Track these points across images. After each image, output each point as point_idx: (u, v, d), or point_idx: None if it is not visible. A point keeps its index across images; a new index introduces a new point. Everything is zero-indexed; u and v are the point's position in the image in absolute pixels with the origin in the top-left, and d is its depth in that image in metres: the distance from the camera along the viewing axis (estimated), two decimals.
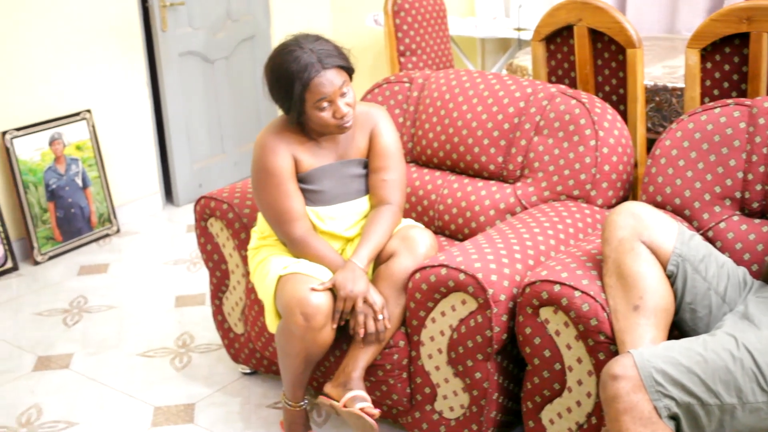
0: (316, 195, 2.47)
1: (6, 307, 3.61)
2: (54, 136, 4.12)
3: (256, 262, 2.57)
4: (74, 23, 4.17)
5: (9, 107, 3.96)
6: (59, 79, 4.15)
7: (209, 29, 4.78)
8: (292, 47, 2.37)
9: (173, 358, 3.13)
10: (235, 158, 5.07)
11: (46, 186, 4.08)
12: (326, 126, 2.39)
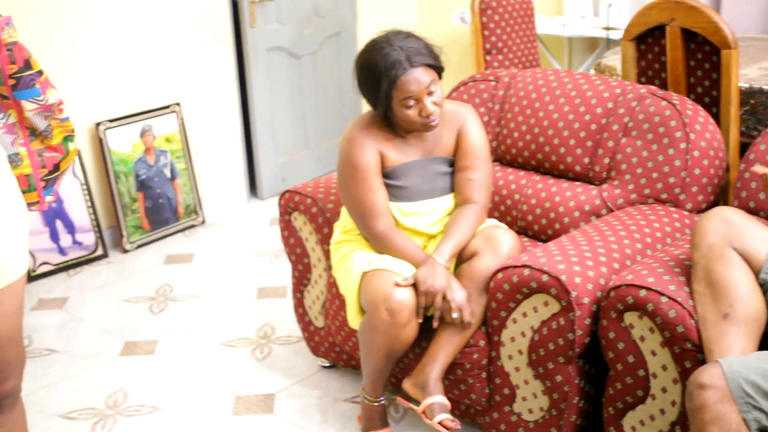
0: (401, 191, 2.48)
1: (96, 293, 3.73)
2: (144, 128, 4.23)
3: (338, 256, 2.59)
4: (166, 19, 4.27)
5: (103, 100, 4.09)
6: (151, 73, 4.26)
7: (296, 25, 4.83)
8: (382, 44, 2.38)
9: (254, 348, 3.18)
10: (318, 153, 5.12)
11: (136, 176, 4.20)
12: (412, 124, 2.40)
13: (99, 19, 4.02)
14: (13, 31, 1.64)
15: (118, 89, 4.14)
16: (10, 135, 1.75)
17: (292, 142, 4.97)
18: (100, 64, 4.05)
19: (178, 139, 4.37)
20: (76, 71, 3.94)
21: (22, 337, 1.85)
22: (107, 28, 4.06)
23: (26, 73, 1.69)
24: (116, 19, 4.08)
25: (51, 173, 1.82)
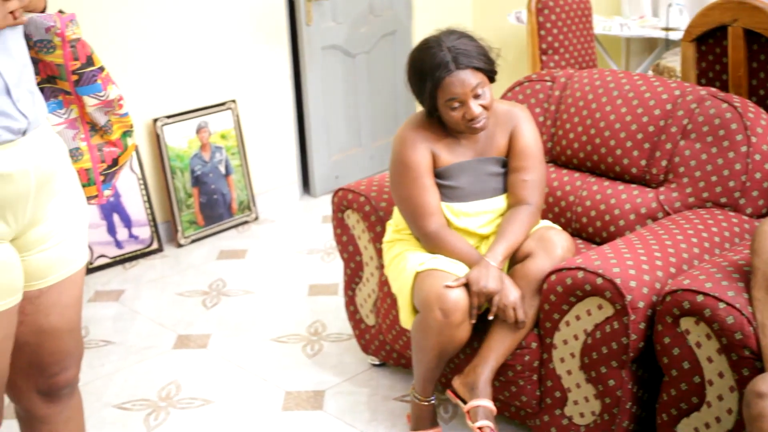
0: (453, 191, 2.47)
1: (151, 287, 3.79)
2: (201, 124, 4.29)
3: (391, 255, 2.59)
4: (224, 17, 4.32)
5: (161, 96, 4.15)
6: (208, 70, 4.31)
7: (352, 24, 4.85)
8: (431, 44, 2.38)
9: (305, 345, 3.20)
10: (371, 152, 5.13)
11: (192, 172, 4.25)
12: (456, 125, 2.40)
13: (158, 17, 4.08)
14: (76, 28, 1.68)
15: (175, 86, 4.20)
16: (71, 130, 1.79)
17: (346, 140, 4.99)
18: (158, 61, 4.11)
19: (234, 135, 4.41)
20: (135, 68, 4.01)
21: (81, 328, 1.89)
22: (166, 26, 4.11)
23: (88, 69, 1.72)
24: (175, 18, 4.14)
25: (110, 168, 1.86)
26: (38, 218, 1.65)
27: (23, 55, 1.60)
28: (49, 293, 1.73)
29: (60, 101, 1.77)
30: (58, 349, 1.82)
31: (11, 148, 1.54)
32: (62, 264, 1.73)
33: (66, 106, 1.78)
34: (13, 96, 1.54)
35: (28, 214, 1.61)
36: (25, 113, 1.56)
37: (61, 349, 1.82)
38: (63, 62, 1.69)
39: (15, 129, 1.55)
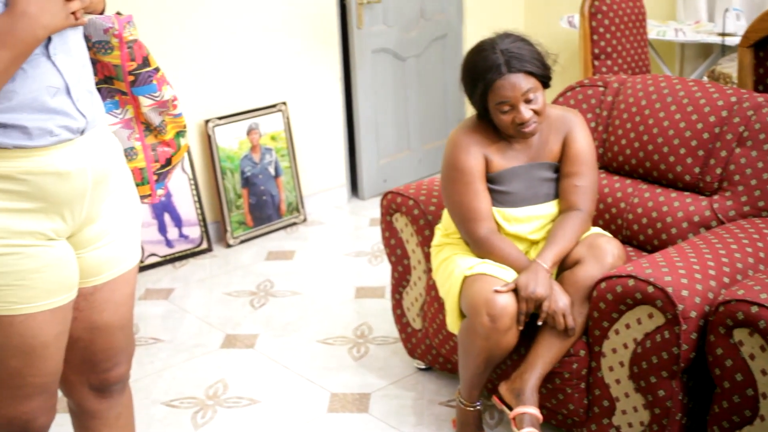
0: (504, 196, 2.46)
1: (200, 286, 3.83)
2: (251, 126, 4.33)
3: (439, 259, 2.58)
4: (275, 19, 4.35)
5: (212, 97, 4.19)
6: (259, 72, 4.35)
7: (403, 27, 4.86)
8: (485, 46, 2.38)
9: (351, 347, 3.21)
10: (420, 155, 5.13)
11: (242, 173, 4.29)
12: (506, 129, 2.39)
13: (211, 20, 4.13)
14: (133, 29, 1.70)
15: (227, 88, 4.25)
16: (126, 130, 1.82)
17: (395, 143, 5.00)
18: (211, 63, 4.16)
19: (284, 137, 4.44)
20: (188, 69, 4.06)
21: (132, 325, 1.91)
22: (219, 28, 4.16)
23: (144, 70, 1.75)
24: (228, 20, 4.18)
25: (163, 167, 1.88)
26: (94, 216, 1.68)
27: (83, 55, 1.64)
28: (103, 290, 1.76)
29: (116, 101, 1.80)
30: (110, 345, 1.84)
31: (70, 147, 1.57)
32: (116, 262, 1.75)
33: (122, 106, 1.81)
34: (73, 96, 1.57)
35: (84, 212, 1.64)
36: (84, 113, 1.59)
37: (113, 346, 1.85)
38: (120, 63, 1.72)
39: (74, 128, 1.58)
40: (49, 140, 1.53)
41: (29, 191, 1.54)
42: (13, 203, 1.53)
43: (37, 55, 1.51)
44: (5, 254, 1.53)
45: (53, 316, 1.63)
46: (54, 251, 1.60)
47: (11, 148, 1.50)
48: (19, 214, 1.54)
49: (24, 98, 1.50)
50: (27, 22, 1.45)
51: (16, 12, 1.44)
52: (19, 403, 1.67)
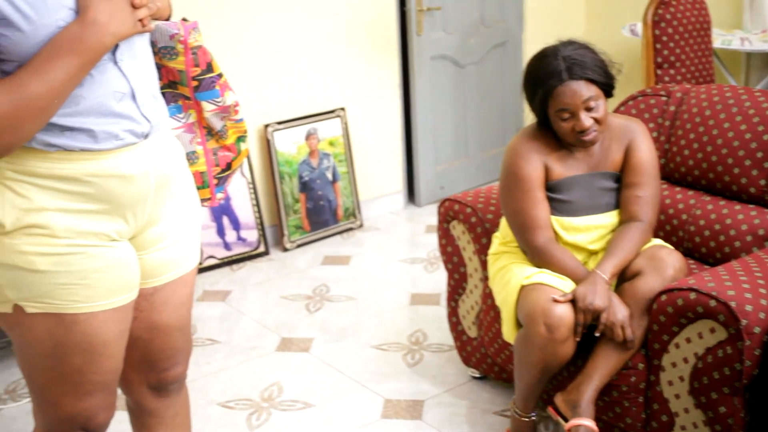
0: (563, 205, 2.43)
1: (256, 289, 3.87)
2: (310, 131, 4.36)
3: (496, 268, 2.57)
4: (335, 26, 4.38)
5: (272, 102, 4.23)
6: (318, 78, 4.38)
7: (462, 34, 4.85)
8: (547, 52, 2.37)
9: (406, 353, 3.21)
10: (477, 163, 5.11)
11: (300, 178, 4.32)
12: (566, 136, 2.37)
13: (272, 26, 4.17)
14: (198, 35, 1.73)
15: (287, 93, 4.28)
16: (189, 134, 1.84)
17: (452, 150, 4.98)
18: (271, 68, 4.20)
19: (342, 143, 4.47)
20: (249, 74, 4.10)
21: (191, 326, 1.94)
22: (280, 34, 4.20)
23: (208, 75, 1.77)
24: (287, 26, 4.22)
25: (223, 171, 1.91)
26: (155, 218, 1.70)
27: (149, 61, 1.67)
28: (163, 291, 1.79)
29: (179, 106, 1.83)
30: (168, 345, 1.87)
31: (134, 150, 1.60)
32: (176, 263, 1.78)
33: (185, 111, 1.84)
34: (138, 100, 1.60)
35: (146, 215, 1.67)
36: (149, 117, 1.62)
37: (171, 346, 1.88)
38: (184, 68, 1.74)
39: (138, 132, 1.61)
40: (114, 144, 1.57)
41: (94, 193, 1.57)
42: (78, 204, 1.56)
43: (104, 61, 1.54)
44: (69, 254, 1.57)
45: (114, 315, 1.66)
46: (116, 252, 1.63)
47: (78, 151, 1.54)
48: (83, 215, 1.57)
49: (91, 103, 1.53)
50: (96, 29, 1.48)
51: (86, 20, 1.48)
52: (80, 400, 1.70)
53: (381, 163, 4.74)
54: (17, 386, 3.06)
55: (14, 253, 1.54)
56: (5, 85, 1.43)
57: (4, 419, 2.87)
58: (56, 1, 1.48)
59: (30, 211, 1.53)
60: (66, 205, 1.55)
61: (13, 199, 1.53)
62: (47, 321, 1.60)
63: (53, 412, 1.72)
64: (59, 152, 1.53)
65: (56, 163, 1.53)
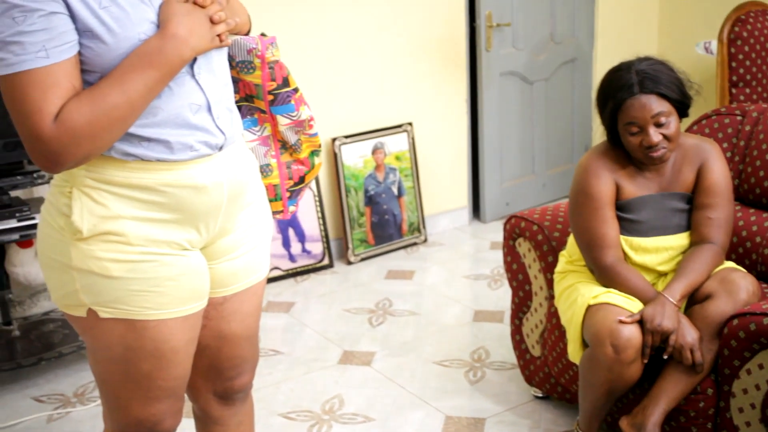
0: (633, 224, 2.40)
1: (320, 301, 3.89)
2: (377, 145, 4.38)
3: (562, 287, 2.54)
4: (404, 41, 4.40)
5: (340, 116, 4.27)
6: (386, 92, 4.40)
7: (532, 50, 4.82)
8: (621, 66, 2.37)
9: (468, 370, 3.19)
10: (544, 180, 5.07)
11: (365, 191, 4.34)
12: (634, 152, 2.35)
13: (343, 41, 4.21)
14: (276, 50, 1.76)
15: (355, 107, 4.32)
16: (263, 147, 1.87)
17: (519, 167, 4.96)
18: (340, 82, 4.24)
19: (408, 157, 4.48)
20: (318, 87, 4.15)
21: (258, 336, 1.96)
22: (350, 49, 4.24)
23: (284, 89, 1.80)
24: (359, 41, 4.25)
25: (296, 185, 1.93)
26: (227, 229, 1.73)
27: (226, 74, 1.70)
28: (232, 301, 1.81)
29: (255, 119, 1.86)
30: (235, 354, 1.89)
31: (208, 162, 1.63)
32: (246, 273, 1.81)
33: (260, 124, 1.86)
34: (214, 113, 1.63)
35: (218, 225, 1.70)
36: (223, 130, 1.65)
37: (238, 355, 1.90)
38: (261, 82, 1.77)
39: (213, 144, 1.64)
40: (189, 155, 1.60)
41: (168, 203, 1.60)
42: (153, 213, 1.60)
43: (182, 74, 1.58)
44: (143, 261, 1.60)
45: (184, 323, 1.68)
46: (188, 261, 1.66)
47: (154, 161, 1.57)
48: (157, 224, 1.61)
49: (168, 114, 1.57)
50: (176, 43, 1.52)
51: (166, 34, 1.52)
52: (149, 405, 1.73)
53: (447, 179, 4.74)
54: (86, 390, 3.13)
55: (90, 258, 1.58)
56: (87, 95, 1.47)
57: (72, 422, 2.94)
58: (139, 14, 1.52)
59: (106, 219, 1.57)
60: (141, 214, 1.59)
61: (91, 207, 1.57)
62: (119, 326, 1.63)
63: (122, 416, 1.76)
64: (136, 162, 1.57)
65: (133, 173, 1.57)
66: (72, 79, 1.47)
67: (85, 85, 1.51)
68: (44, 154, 1.47)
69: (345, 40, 4.22)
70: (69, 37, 1.46)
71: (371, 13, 4.26)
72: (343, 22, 4.19)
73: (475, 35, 4.62)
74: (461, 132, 4.74)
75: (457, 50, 4.60)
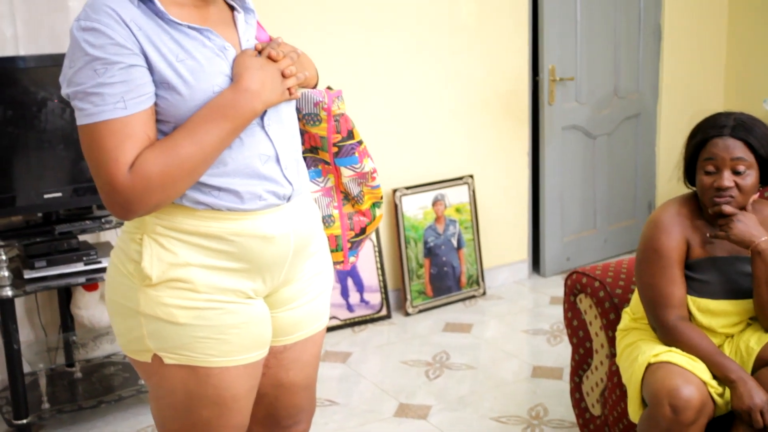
0: (701, 285, 2.35)
1: (377, 352, 3.88)
2: (437, 197, 4.39)
3: (624, 344, 2.50)
4: (467, 93, 4.43)
5: (402, 167, 4.30)
6: (448, 144, 4.42)
7: (595, 105, 4.81)
8: (721, 112, 2.39)
9: (525, 427, 3.14)
10: (605, 235, 5.01)
11: (425, 243, 4.35)
12: (703, 192, 2.32)
13: (405, 93, 4.25)
14: (341, 103, 1.79)
15: (416, 158, 4.34)
16: (326, 198, 1.90)
17: (580, 221, 4.91)
18: (403, 133, 4.28)
19: (468, 210, 4.47)
20: (381, 138, 4.18)
21: (316, 386, 1.96)
22: (411, 100, 4.28)
23: (348, 142, 1.83)
24: (420, 93, 4.30)
25: (357, 236, 1.95)
26: (291, 278, 1.75)
27: (293, 126, 1.74)
28: (292, 350, 1.82)
29: (319, 170, 1.89)
30: (293, 403, 1.90)
31: (276, 212, 1.66)
32: (307, 323, 1.82)
33: (324, 175, 1.89)
34: (282, 164, 1.66)
35: (282, 275, 1.72)
36: (291, 180, 1.68)
37: (295, 404, 1.90)
38: (326, 135, 1.81)
39: (281, 195, 1.66)
40: (258, 204, 1.63)
41: (236, 252, 1.63)
42: (221, 262, 1.62)
43: (252, 125, 1.62)
44: (208, 309, 1.62)
45: (246, 371, 1.70)
46: (252, 309, 1.68)
47: (224, 210, 1.60)
48: (224, 273, 1.63)
49: (238, 164, 1.60)
50: (249, 97, 1.56)
51: (240, 87, 1.56)
52: None
53: (507, 232, 4.72)
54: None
55: (158, 304, 1.60)
56: (161, 145, 1.52)
57: None
58: (214, 67, 1.57)
59: (175, 266, 1.60)
60: (209, 262, 1.62)
61: (160, 253, 1.60)
62: (182, 372, 1.65)
63: None
64: (206, 210, 1.60)
65: (202, 221, 1.60)
66: (147, 129, 1.52)
67: (159, 135, 1.56)
68: (118, 201, 1.51)
69: (409, 91, 4.26)
70: (146, 89, 1.52)
71: (436, 65, 4.31)
72: (408, 75, 4.24)
73: (538, 89, 4.63)
74: (522, 185, 4.73)
75: (519, 103, 4.61)
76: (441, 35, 4.30)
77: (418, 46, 4.25)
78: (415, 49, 4.24)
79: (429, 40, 4.27)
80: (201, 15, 1.63)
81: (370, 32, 4.11)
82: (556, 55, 4.57)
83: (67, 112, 3.00)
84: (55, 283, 3.04)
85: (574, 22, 4.63)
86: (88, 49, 1.48)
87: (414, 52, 4.24)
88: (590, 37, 4.72)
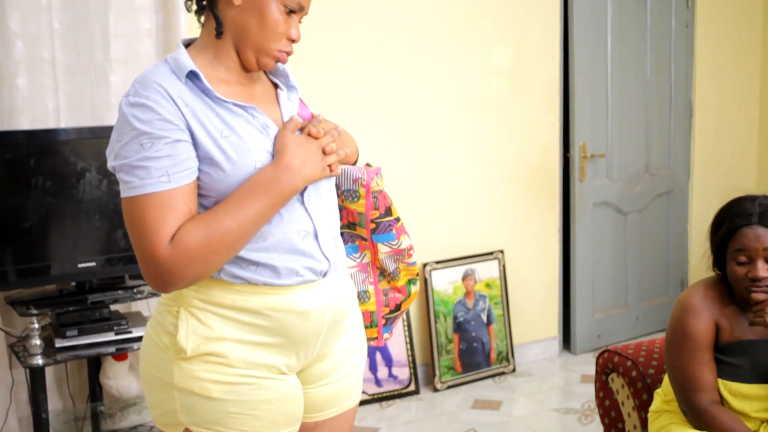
0: (733, 369, 2.30)
1: (405, 429, 3.82)
2: (467, 272, 4.37)
3: (656, 427, 2.44)
4: (499, 169, 4.45)
5: (432, 241, 4.30)
6: (478, 219, 4.43)
7: (626, 181, 4.81)
8: (744, 197, 2.34)
9: None
10: (637, 313, 4.95)
11: (454, 318, 4.32)
12: (736, 283, 2.27)
13: (436, 168, 4.28)
14: (380, 180, 1.81)
15: (447, 233, 4.35)
16: (362, 273, 1.90)
17: (611, 298, 4.86)
18: (433, 208, 4.29)
19: (498, 285, 4.45)
20: (412, 212, 4.19)
21: None
22: (444, 176, 4.31)
23: (386, 219, 1.84)
24: (451, 169, 4.32)
25: (392, 312, 1.94)
26: (325, 354, 1.74)
27: (332, 202, 1.75)
28: (324, 427, 1.80)
29: (356, 246, 1.89)
30: None
31: (312, 288, 1.66)
32: (340, 399, 1.80)
33: (360, 251, 1.90)
34: (320, 240, 1.67)
35: (316, 350, 1.71)
36: (328, 256, 1.69)
37: None
38: (364, 211, 1.82)
39: (318, 270, 1.67)
40: (294, 280, 1.63)
41: (271, 326, 1.63)
42: (256, 336, 1.62)
43: (292, 201, 1.63)
44: (242, 383, 1.62)
45: None
46: (285, 385, 1.67)
47: (261, 285, 1.61)
48: (259, 347, 1.63)
49: (277, 239, 1.61)
50: (290, 173, 1.58)
51: (281, 164, 1.58)
52: None
53: (537, 308, 4.68)
54: None
55: (191, 378, 1.60)
56: (202, 219, 1.54)
57: None
58: (256, 144, 1.59)
59: (210, 340, 1.60)
60: (243, 336, 1.61)
61: (196, 327, 1.60)
62: None
63: None
64: (243, 285, 1.61)
65: (239, 295, 1.61)
66: (189, 202, 1.54)
67: (200, 209, 1.58)
68: (158, 273, 1.52)
69: (440, 166, 4.29)
70: (190, 164, 1.54)
71: (468, 141, 4.34)
72: (440, 150, 4.28)
73: (569, 165, 4.64)
74: (553, 261, 4.70)
75: (550, 179, 4.62)
76: (473, 112, 4.35)
77: (450, 123, 4.29)
78: (448, 125, 4.29)
79: (461, 117, 4.32)
80: (246, 92, 1.67)
81: (405, 111, 4.17)
82: (587, 131, 4.60)
83: (104, 183, 3.05)
84: (85, 352, 3.05)
85: (605, 99, 4.66)
86: (136, 124, 1.51)
87: (446, 129, 4.29)
88: (621, 113, 4.74)
